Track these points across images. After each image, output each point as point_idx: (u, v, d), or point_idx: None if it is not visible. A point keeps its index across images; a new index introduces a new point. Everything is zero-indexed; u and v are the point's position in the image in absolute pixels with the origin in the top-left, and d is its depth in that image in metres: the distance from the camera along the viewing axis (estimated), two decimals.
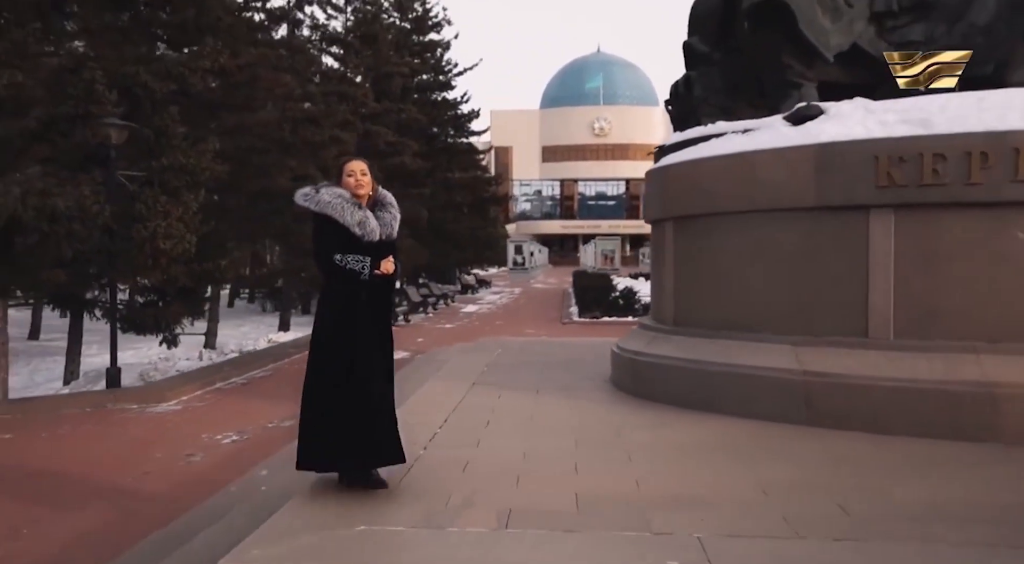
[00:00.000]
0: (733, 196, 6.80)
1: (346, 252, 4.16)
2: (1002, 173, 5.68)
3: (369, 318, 4.26)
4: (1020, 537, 3.63)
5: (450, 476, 4.64)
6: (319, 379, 4.27)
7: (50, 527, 5.20)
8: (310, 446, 4.27)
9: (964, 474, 4.75)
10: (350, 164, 4.41)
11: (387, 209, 4.43)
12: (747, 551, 3.46)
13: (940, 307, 5.92)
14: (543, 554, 3.44)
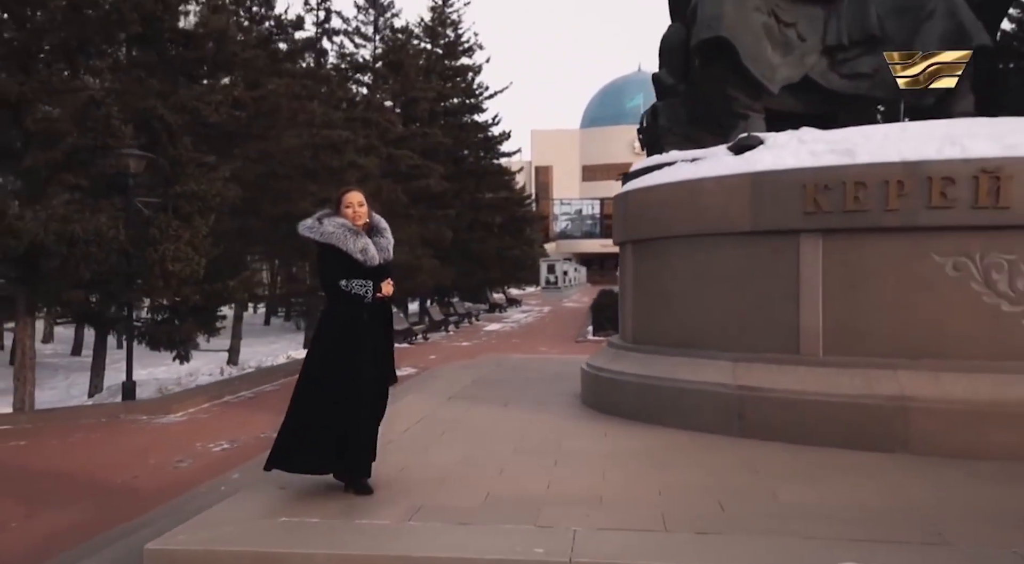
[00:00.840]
0: (681, 221, 7.23)
1: (350, 277, 4.59)
2: (918, 200, 6.04)
3: (370, 336, 4.70)
4: (875, 533, 3.99)
5: (385, 478, 5.13)
6: (315, 389, 4.68)
7: (38, 521, 5.81)
8: (287, 449, 4.68)
9: (859, 480, 5.09)
10: (348, 195, 4.79)
11: (383, 234, 4.85)
12: (609, 541, 3.90)
13: (864, 326, 6.28)
14: (429, 542, 3.91)
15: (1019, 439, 5.59)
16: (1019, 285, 5.91)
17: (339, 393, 4.62)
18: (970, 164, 5.91)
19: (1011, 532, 4.02)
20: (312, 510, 4.42)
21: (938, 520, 4.22)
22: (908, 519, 4.24)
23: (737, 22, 7.41)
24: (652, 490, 4.86)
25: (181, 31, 13.48)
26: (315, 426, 4.64)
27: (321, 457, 4.67)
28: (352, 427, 4.63)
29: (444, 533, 4.03)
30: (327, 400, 4.62)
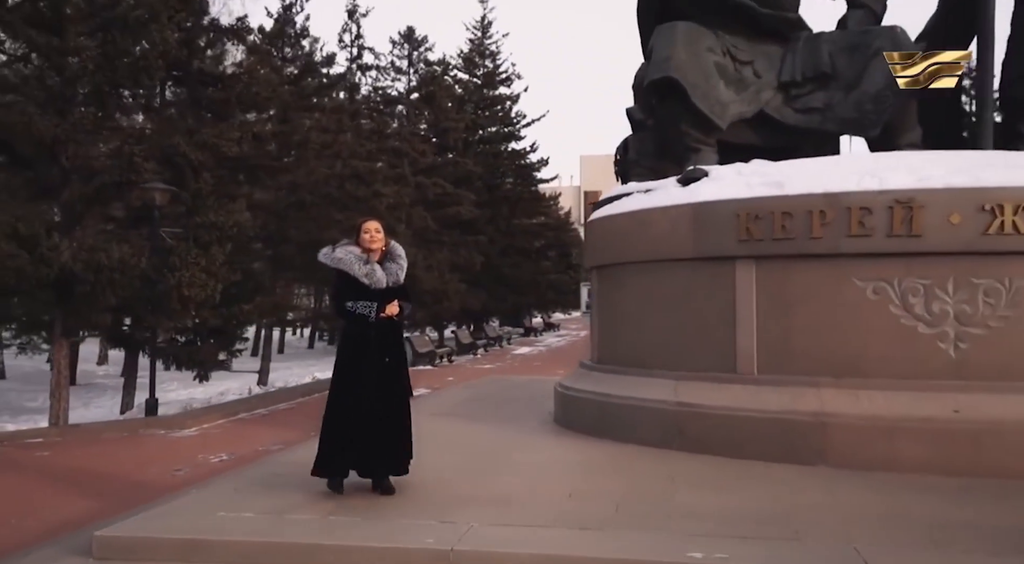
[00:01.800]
0: (634, 248, 7.74)
1: (358, 298, 5.19)
2: (839, 229, 6.47)
3: (377, 353, 5.25)
4: (741, 531, 4.42)
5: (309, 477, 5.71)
6: (335, 404, 5.26)
7: (46, 514, 6.55)
8: (320, 457, 5.27)
9: (763, 488, 5.51)
10: (366, 223, 5.42)
11: (396, 260, 5.43)
12: (495, 533, 4.42)
13: (794, 347, 6.70)
14: (342, 533, 4.48)
15: (927, 453, 5.95)
16: (935, 308, 6.29)
17: (350, 404, 5.17)
18: (885, 195, 6.33)
19: (868, 532, 4.43)
20: (249, 507, 5.02)
21: (809, 522, 4.64)
22: (781, 521, 4.67)
23: (688, 63, 7.93)
24: (564, 494, 5.36)
25: (210, 73, 14.48)
26: (336, 436, 5.21)
27: (342, 462, 5.25)
28: (364, 435, 5.14)
29: (357, 527, 4.59)
30: (342, 412, 5.19)
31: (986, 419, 5.92)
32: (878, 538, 4.33)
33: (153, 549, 4.34)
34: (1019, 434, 5.84)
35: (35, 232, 10.48)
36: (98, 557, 4.35)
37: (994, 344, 6.19)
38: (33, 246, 10.39)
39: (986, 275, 6.22)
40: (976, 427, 5.91)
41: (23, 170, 11.93)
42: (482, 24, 39.92)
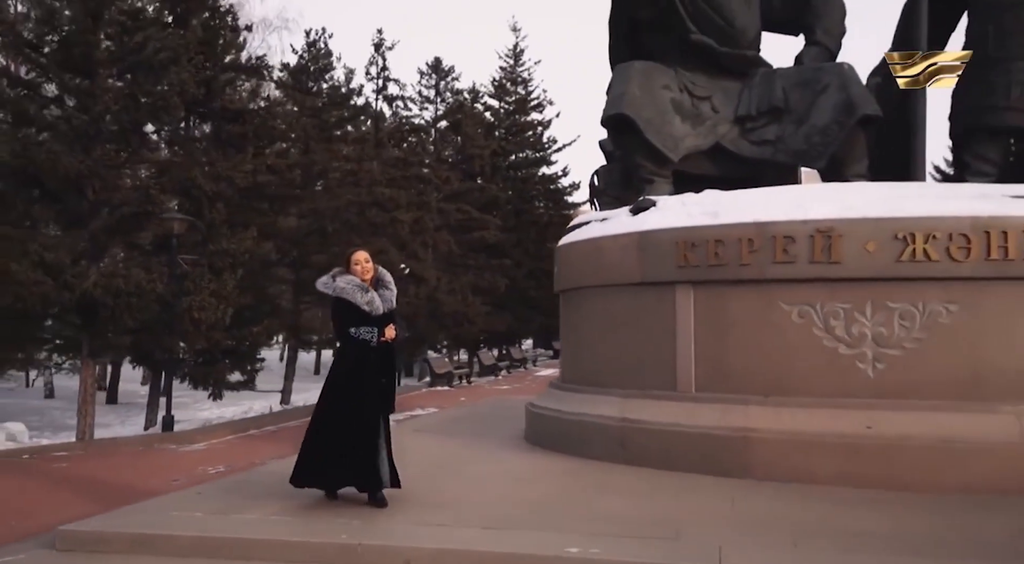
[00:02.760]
0: (590, 273, 8.26)
1: (359, 324, 5.61)
2: (766, 256, 6.92)
3: (375, 373, 5.70)
4: (629, 531, 4.89)
5: (281, 484, 6.31)
6: (329, 416, 5.64)
7: (46, 517, 7.25)
8: (306, 468, 5.66)
9: (679, 497, 5.96)
10: (355, 255, 5.84)
11: (387, 286, 5.88)
12: (411, 531, 4.97)
13: (728, 367, 7.14)
14: (265, 529, 5.07)
15: (840, 466, 6.34)
16: (854, 331, 6.69)
17: (346, 421, 5.58)
18: (808, 224, 6.78)
19: (744, 535, 4.87)
20: (200, 507, 5.63)
21: (696, 525, 5.10)
22: (672, 524, 5.13)
23: (642, 100, 8.46)
24: (492, 499, 5.88)
25: (231, 109, 15.43)
26: (324, 449, 5.61)
27: (328, 476, 5.67)
28: (358, 450, 5.54)
29: (288, 525, 5.18)
30: (335, 427, 5.58)
31: (895, 435, 6.30)
32: (749, 540, 4.77)
33: (107, 542, 4.98)
34: (924, 449, 6.21)
35: (60, 260, 11.38)
36: (60, 549, 5.01)
37: (909, 364, 6.56)
38: (58, 273, 11.30)
39: (901, 299, 6.60)
40: (886, 442, 6.29)
41: (54, 203, 12.92)
42: (514, 52, 40.87)
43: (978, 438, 6.20)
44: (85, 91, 12.80)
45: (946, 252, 6.47)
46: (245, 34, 18.22)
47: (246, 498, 5.92)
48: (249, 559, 4.72)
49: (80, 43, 12.45)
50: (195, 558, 4.78)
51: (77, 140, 12.45)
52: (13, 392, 26.83)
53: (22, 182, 12.30)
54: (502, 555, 4.52)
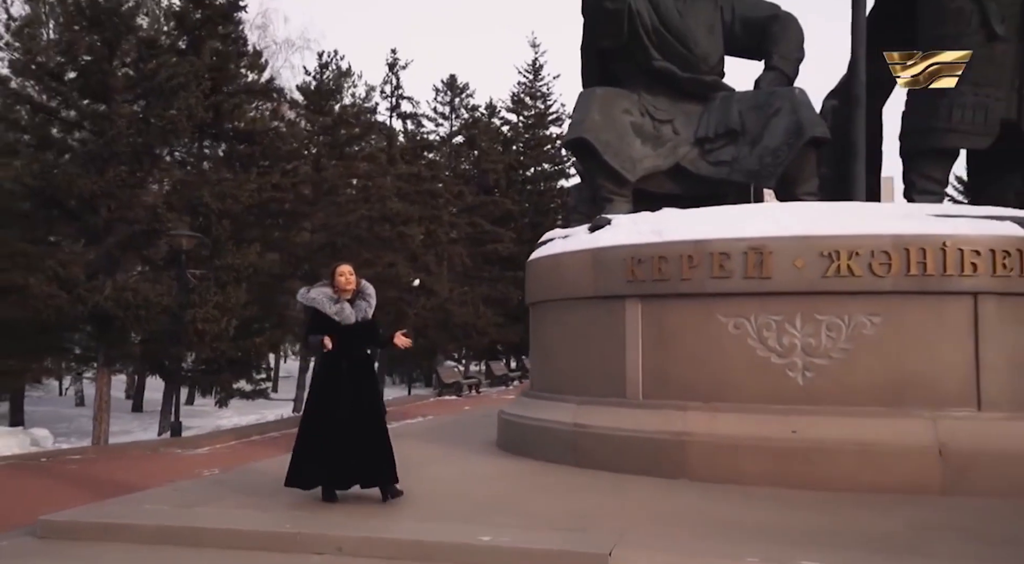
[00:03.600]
0: (552, 287, 8.78)
1: (330, 333, 5.99)
2: (704, 272, 7.39)
3: (349, 380, 6.12)
4: (537, 524, 5.40)
5: (255, 482, 6.92)
6: (312, 422, 6.11)
7: (47, 511, 7.95)
8: (299, 470, 6.08)
9: (601, 495, 6.42)
10: (339, 268, 6.37)
11: (366, 299, 6.32)
12: (344, 521, 5.52)
13: (671, 375, 7.61)
14: (215, 517, 5.65)
15: (766, 468, 6.78)
16: (785, 341, 7.13)
17: (322, 426, 6.02)
18: (741, 242, 7.24)
19: (647, 527, 5.35)
20: (174, 501, 6.23)
21: (606, 519, 5.58)
22: (585, 518, 5.60)
23: (601, 124, 8.98)
24: (439, 497, 6.39)
25: (242, 130, 16.22)
26: (307, 452, 6.03)
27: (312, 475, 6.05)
28: (323, 446, 5.94)
29: (234, 516, 5.74)
30: (314, 431, 6.02)
31: (816, 439, 6.73)
32: (652, 530, 5.25)
33: (79, 530, 5.60)
34: (842, 452, 6.63)
35: (74, 275, 12.17)
36: (40, 536, 5.63)
37: (835, 373, 6.98)
38: (71, 287, 12.07)
39: (828, 312, 7.03)
40: (808, 446, 6.72)
41: (72, 221, 13.75)
42: (533, 67, 41.56)
43: (895, 442, 6.61)
44: (102, 116, 13.62)
45: (869, 268, 6.90)
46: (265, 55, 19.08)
47: (215, 493, 6.52)
48: (201, 545, 5.29)
49: (97, 71, 13.27)
50: (155, 545, 5.36)
51: (91, 162, 13.28)
52: (45, 400, 27.93)
53: (42, 202, 13.14)
54: (416, 542, 5.05)
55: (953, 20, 8.51)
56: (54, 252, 12.73)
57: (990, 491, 6.37)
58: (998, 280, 6.84)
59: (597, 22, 9.29)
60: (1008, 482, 6.42)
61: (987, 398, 6.81)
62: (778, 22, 9.78)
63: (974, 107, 8.45)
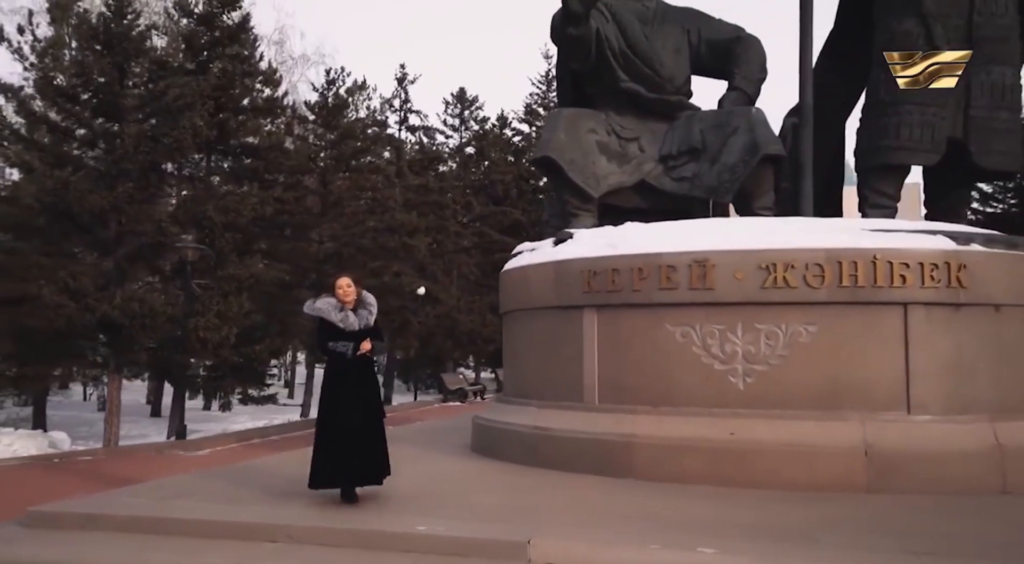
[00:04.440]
0: (521, 297, 9.28)
1: (336, 340, 6.50)
2: (653, 283, 7.86)
3: (354, 383, 6.60)
4: (487, 516, 5.88)
5: (233, 479, 7.48)
6: (323, 423, 6.57)
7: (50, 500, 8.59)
8: (318, 472, 6.46)
9: (545, 492, 6.90)
10: (339, 280, 6.74)
11: (367, 307, 6.74)
12: (300, 513, 6.06)
13: (624, 381, 8.07)
14: (188, 510, 6.21)
15: (705, 468, 7.22)
16: (727, 349, 7.57)
17: (336, 426, 6.44)
18: (686, 255, 7.71)
19: (572, 519, 5.84)
20: (155, 496, 6.82)
21: (539, 512, 6.08)
22: (518, 511, 6.10)
23: (566, 143, 9.47)
24: (393, 493, 6.89)
25: (248, 145, 16.93)
26: (327, 454, 6.40)
27: (327, 476, 6.43)
28: (348, 451, 6.35)
29: (201, 508, 6.29)
30: (329, 433, 6.42)
31: (753, 440, 7.17)
32: (573, 522, 5.74)
33: (63, 520, 6.19)
34: (777, 453, 7.06)
35: (84, 286, 12.88)
36: (28, 525, 6.22)
37: (773, 378, 7.42)
38: (81, 297, 12.78)
39: (767, 321, 7.47)
40: (743, 447, 7.17)
41: (84, 234, 14.49)
42: (547, 78, 42.04)
43: (825, 443, 7.04)
44: (113, 134, 14.37)
45: (803, 280, 7.34)
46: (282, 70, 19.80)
47: (191, 488, 7.09)
48: (169, 533, 5.85)
49: (109, 92, 14.01)
50: (129, 533, 5.92)
51: (101, 179, 14.02)
52: (68, 405, 28.88)
53: (55, 216, 13.88)
54: (359, 531, 5.59)
55: (901, 41, 8.89)
56: (66, 264, 13.44)
57: (914, 489, 6.77)
58: (926, 291, 7.25)
59: (564, 47, 9.80)
60: (931, 480, 6.83)
61: (916, 402, 7.21)
62: (741, 44, 10.23)
63: (921, 126, 8.83)
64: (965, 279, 7.31)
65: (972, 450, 7.01)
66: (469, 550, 5.30)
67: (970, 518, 5.99)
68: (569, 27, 9.25)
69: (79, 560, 5.46)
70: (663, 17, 10.43)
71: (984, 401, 7.31)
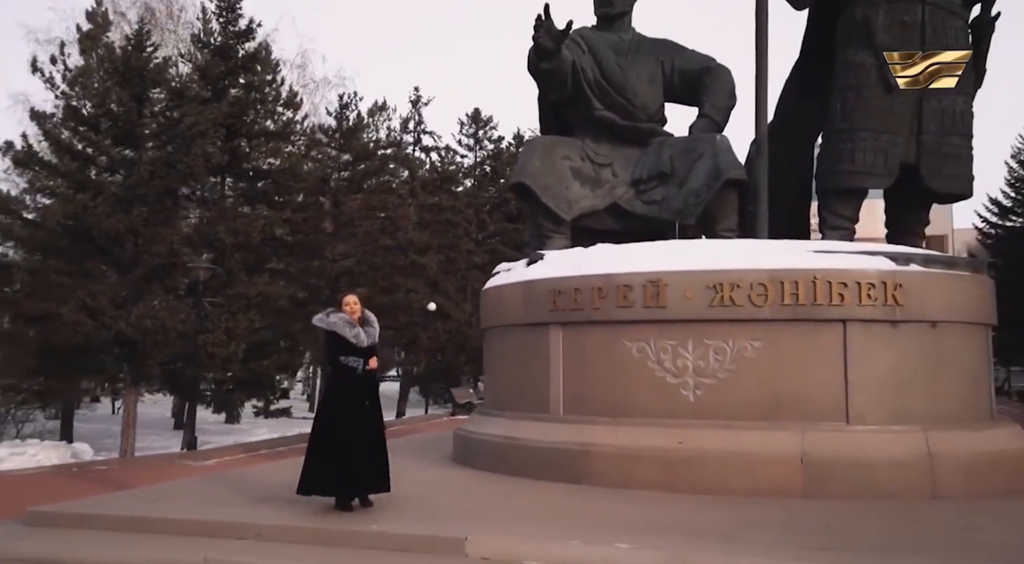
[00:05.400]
0: (496, 315, 9.85)
1: (347, 355, 6.93)
2: (612, 302, 8.39)
3: (362, 397, 7.06)
4: (437, 516, 6.44)
5: (222, 485, 8.11)
6: (324, 433, 6.92)
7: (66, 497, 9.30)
8: (310, 478, 6.82)
9: (500, 497, 7.47)
10: (346, 297, 7.21)
11: (371, 324, 7.23)
12: (267, 515, 6.66)
13: (586, 394, 8.60)
14: (172, 510, 6.84)
15: (656, 475, 7.71)
16: (679, 363, 8.08)
17: (335, 436, 6.80)
18: (641, 275, 8.24)
19: (513, 519, 6.37)
20: (146, 497, 7.47)
21: (488, 513, 6.64)
22: (470, 512, 6.66)
23: (541, 169, 10.05)
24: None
25: (260, 168, 17.75)
26: (318, 461, 6.77)
27: (319, 483, 6.80)
28: (340, 460, 6.68)
29: (183, 508, 6.92)
30: (324, 442, 6.76)
31: (698, 449, 7.65)
32: (513, 521, 6.28)
33: (60, 519, 6.86)
34: (722, 461, 7.54)
35: (101, 305, 13.69)
36: (27, 524, 6.89)
37: (721, 391, 7.91)
38: (97, 315, 13.59)
39: (715, 337, 7.97)
40: (691, 455, 7.65)
41: (104, 255, 15.35)
42: None
43: (766, 451, 7.51)
44: (130, 161, 15.23)
45: (748, 298, 7.84)
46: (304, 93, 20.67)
47: (179, 493, 7.74)
48: (151, 532, 6.48)
49: (126, 122, 14.89)
50: (117, 531, 6.56)
51: (119, 203, 14.87)
52: (96, 418, 29.86)
53: (76, 239, 14.75)
54: (319, 529, 6.19)
55: (855, 73, 9.35)
56: (85, 283, 14.28)
57: (848, 494, 7.22)
58: (864, 309, 7.72)
59: (539, 80, 10.40)
60: (865, 486, 7.28)
61: (855, 413, 7.66)
62: (711, 74, 10.75)
63: (875, 151, 9.26)
64: (901, 297, 7.76)
65: (905, 458, 7.43)
66: (415, 546, 5.88)
67: (889, 519, 6.42)
68: (542, 62, 9.85)
69: (69, 555, 6.10)
70: (638, 48, 10.99)
71: (919, 412, 7.73)
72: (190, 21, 28.04)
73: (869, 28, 9.28)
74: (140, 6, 29.08)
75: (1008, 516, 6.63)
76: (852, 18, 9.53)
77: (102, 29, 22.52)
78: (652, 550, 5.42)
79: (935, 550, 5.51)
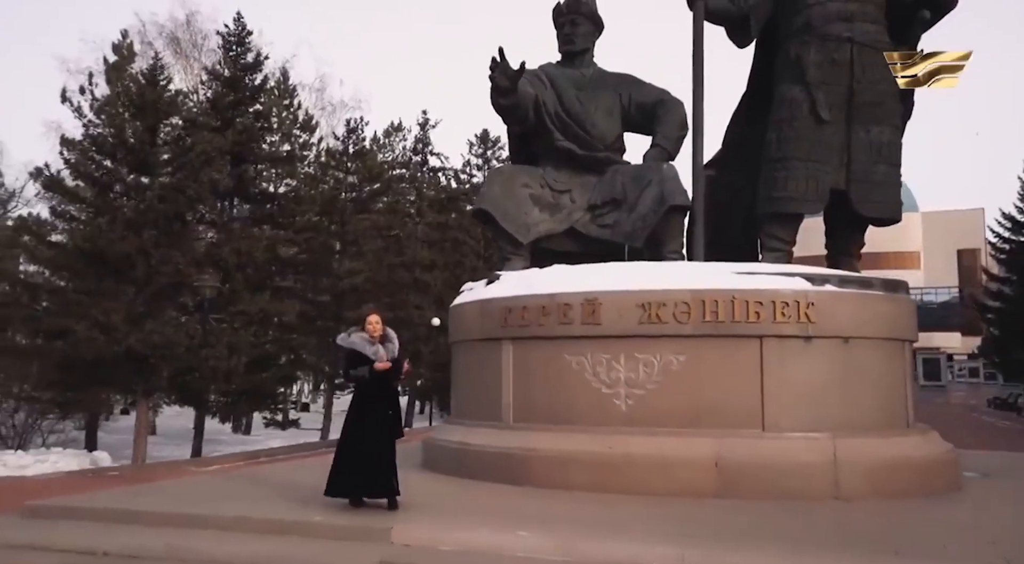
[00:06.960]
0: (460, 330, 10.69)
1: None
2: (555, 319, 9.19)
3: (378, 402, 7.74)
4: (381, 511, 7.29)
5: (205, 484, 9.02)
6: (345, 438, 7.77)
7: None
8: (335, 480, 7.62)
9: (446, 496, 8.27)
10: (369, 317, 7.87)
11: (391, 341, 7.91)
12: (238, 507, 7.54)
13: (532, 403, 9.39)
14: (154, 503, 7.76)
15: (587, 477, 8.46)
16: (612, 376, 8.85)
17: (357, 442, 7.56)
18: (579, 295, 9.04)
19: (441, 514, 7.18)
20: (134, 492, 8.40)
21: (425, 508, 7.43)
22: (412, 509, 7.47)
23: (500, 196, 10.89)
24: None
25: (266, 192, 18.84)
26: (344, 465, 7.49)
27: (347, 487, 7.51)
28: (369, 466, 7.42)
29: (164, 502, 7.84)
30: (352, 444, 7.48)
31: (625, 454, 8.40)
32: (440, 515, 7.09)
33: (51, 512, 7.80)
34: (646, 465, 8.27)
35: (112, 321, 14.77)
36: (23, 516, 7.84)
37: (649, 401, 8.66)
38: (109, 331, 14.66)
39: (644, 352, 8.74)
40: (618, 460, 8.40)
41: (117, 275, 16.47)
42: None
43: (685, 456, 8.25)
44: (143, 187, 16.37)
45: (673, 316, 8.60)
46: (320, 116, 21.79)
47: (163, 491, 8.66)
48: (127, 522, 7.39)
49: (139, 152, 16.03)
50: (99, 521, 7.46)
51: (130, 226, 15.99)
52: (120, 429, 31.10)
53: (91, 260, 15.89)
54: (270, 520, 7.05)
55: (788, 107, 10.10)
56: (99, 301, 15.39)
57: (755, 496, 7.92)
58: (778, 325, 8.45)
59: (500, 114, 11.27)
60: (774, 489, 7.97)
61: (770, 421, 8.38)
62: (663, 106, 11.54)
63: (806, 179, 9.98)
64: (814, 315, 8.48)
65: (812, 462, 8.13)
66: (350, 535, 6.73)
67: (781, 516, 7.13)
68: (500, 99, 10.72)
69: (55, 541, 7.01)
70: (597, 83, 11.82)
71: (829, 421, 8.42)
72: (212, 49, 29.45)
73: (801, 65, 10.03)
74: (166, 36, 30.56)
75: (886, 513, 7.31)
76: (787, 55, 10.31)
77: (127, 60, 23.92)
78: (546, 538, 6.21)
79: (799, 538, 6.23)
